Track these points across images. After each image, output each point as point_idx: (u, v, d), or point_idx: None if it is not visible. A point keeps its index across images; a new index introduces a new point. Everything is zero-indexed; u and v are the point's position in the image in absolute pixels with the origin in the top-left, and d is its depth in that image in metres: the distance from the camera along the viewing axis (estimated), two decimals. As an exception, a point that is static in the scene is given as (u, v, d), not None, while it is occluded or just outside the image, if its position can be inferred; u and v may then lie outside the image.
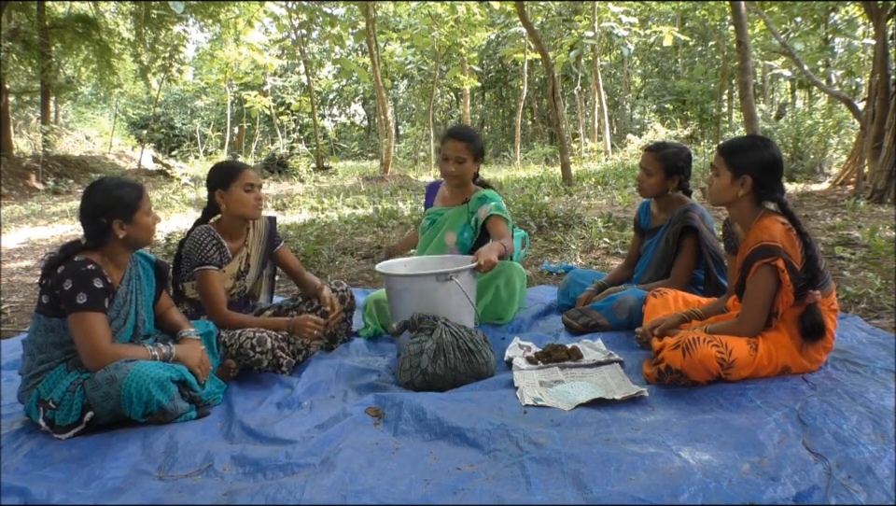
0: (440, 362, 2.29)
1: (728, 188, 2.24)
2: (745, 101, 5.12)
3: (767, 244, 2.10)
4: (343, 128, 33.49)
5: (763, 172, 2.19)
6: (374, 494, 1.57)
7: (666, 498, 1.48)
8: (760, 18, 12.00)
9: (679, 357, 2.06)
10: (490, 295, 2.99)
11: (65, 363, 2.10)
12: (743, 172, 2.20)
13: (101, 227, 2.11)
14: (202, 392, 2.20)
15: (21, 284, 4.91)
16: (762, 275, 2.11)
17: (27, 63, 16.31)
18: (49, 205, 11.75)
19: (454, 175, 3.05)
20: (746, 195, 2.22)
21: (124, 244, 2.16)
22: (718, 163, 2.27)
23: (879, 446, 1.66)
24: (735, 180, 2.21)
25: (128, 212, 2.12)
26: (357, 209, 8.81)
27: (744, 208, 2.26)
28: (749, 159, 2.20)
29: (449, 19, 17.18)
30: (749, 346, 2.11)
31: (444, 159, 3.07)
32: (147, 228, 2.18)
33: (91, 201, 2.13)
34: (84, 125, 25.64)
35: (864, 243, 4.56)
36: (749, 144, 2.26)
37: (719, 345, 2.07)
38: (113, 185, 2.16)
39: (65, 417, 2.01)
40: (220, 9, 16.84)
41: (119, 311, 2.17)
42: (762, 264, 2.10)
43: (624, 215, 6.61)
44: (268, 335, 2.48)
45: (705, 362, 2.05)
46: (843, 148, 10.60)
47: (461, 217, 3.10)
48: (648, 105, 26.54)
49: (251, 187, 2.62)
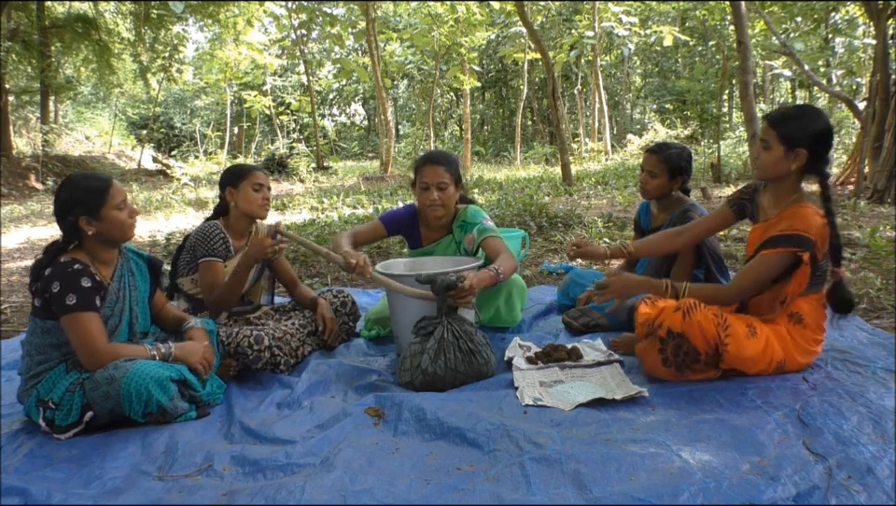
0: (440, 362, 2.29)
1: (781, 161, 2.10)
2: (745, 101, 5.11)
3: (803, 235, 2.04)
4: (342, 128, 33.49)
5: (817, 144, 2.07)
6: (374, 494, 1.56)
7: (666, 498, 1.48)
8: (760, 18, 12.00)
9: (679, 319, 2.05)
10: (491, 312, 2.93)
11: (64, 363, 2.09)
12: (797, 144, 2.07)
13: (69, 224, 2.06)
14: (202, 392, 2.19)
15: (20, 284, 4.91)
16: (781, 260, 2.07)
17: (27, 62, 16.31)
18: (49, 205, 11.71)
19: (438, 205, 2.75)
20: (798, 169, 2.10)
21: (98, 240, 2.10)
22: (768, 136, 2.12)
23: (879, 446, 1.66)
24: (789, 153, 2.09)
25: (93, 208, 2.05)
26: (357, 209, 8.81)
27: (788, 184, 2.15)
28: (804, 130, 2.07)
29: (449, 19, 17.17)
30: (747, 328, 2.10)
31: (424, 189, 2.75)
32: (117, 223, 2.09)
33: (59, 198, 2.07)
34: (84, 125, 25.59)
35: (865, 243, 4.55)
36: (801, 113, 2.13)
37: (718, 315, 2.06)
38: (79, 180, 2.10)
39: (65, 417, 2.01)
40: (220, 9, 16.83)
41: (112, 308, 2.15)
42: (788, 250, 2.05)
43: (624, 215, 6.61)
44: (265, 334, 2.49)
45: (703, 325, 2.03)
46: (843, 148, 10.61)
47: (449, 249, 2.91)
48: (648, 104, 26.55)
49: (259, 187, 2.72)
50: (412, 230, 2.97)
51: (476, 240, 2.79)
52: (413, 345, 2.37)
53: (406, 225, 2.97)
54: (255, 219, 2.80)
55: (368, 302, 3.72)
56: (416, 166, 2.88)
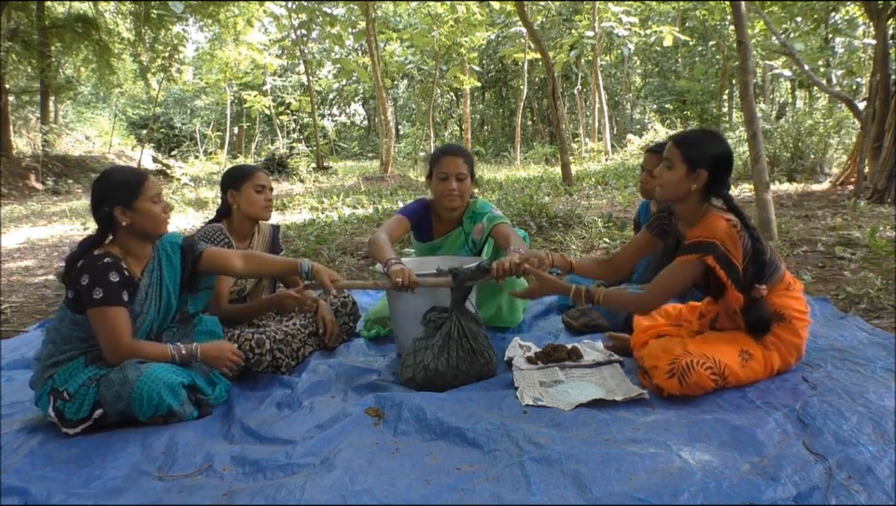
0: (443, 359, 2.29)
1: (682, 181, 2.14)
2: (745, 101, 5.11)
3: (706, 240, 2.06)
4: (343, 128, 33.50)
5: (718, 166, 2.12)
6: (374, 494, 1.56)
7: (666, 498, 1.48)
8: (760, 18, 12.00)
9: (676, 384, 2.03)
10: (492, 312, 2.94)
11: (85, 356, 2.09)
12: (699, 165, 2.11)
13: (104, 215, 2.11)
14: (210, 397, 2.21)
15: (20, 284, 4.91)
16: (692, 267, 2.09)
17: (27, 62, 16.33)
18: (49, 205, 11.75)
19: (456, 195, 2.80)
20: (698, 190, 2.14)
21: (132, 233, 2.14)
22: (672, 155, 2.16)
23: (879, 446, 1.66)
24: (690, 174, 2.13)
25: (129, 198, 2.10)
26: (357, 209, 8.81)
27: (692, 204, 2.19)
28: (706, 152, 2.12)
29: (449, 19, 17.17)
30: (739, 358, 2.09)
31: (443, 178, 2.80)
32: (151, 215, 2.13)
33: (95, 189, 2.14)
34: (84, 125, 25.60)
35: (865, 243, 4.55)
36: (704, 137, 2.20)
37: (712, 366, 2.04)
38: (115, 172, 2.18)
39: (76, 411, 2.01)
40: (220, 9, 16.84)
41: (142, 305, 2.15)
42: (693, 258, 2.07)
43: (624, 215, 6.61)
44: (266, 337, 2.50)
45: (701, 384, 2.03)
46: (843, 148, 10.60)
47: (458, 240, 2.95)
48: (648, 104, 26.55)
49: (262, 188, 2.73)
50: (424, 222, 3.00)
51: (486, 228, 2.83)
52: (418, 341, 2.37)
53: (419, 217, 2.99)
54: (258, 221, 2.81)
55: (368, 302, 3.72)
56: (434, 157, 2.91)
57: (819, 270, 3.98)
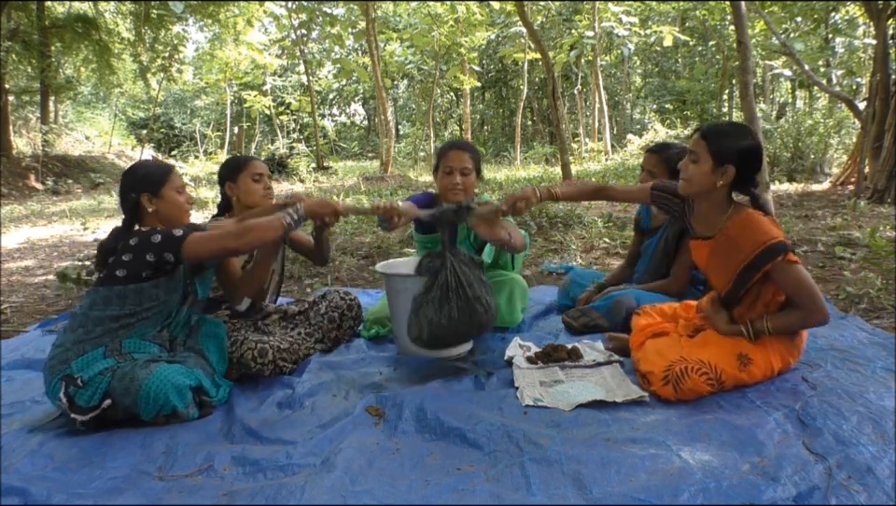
0: (444, 312, 2.27)
1: (707, 176, 2.04)
2: (745, 101, 5.11)
3: (774, 243, 1.97)
4: (343, 128, 33.51)
5: (745, 162, 2.02)
6: (374, 494, 1.57)
7: (666, 498, 1.48)
8: (760, 18, 12.00)
9: (671, 390, 2.02)
10: None
11: (105, 347, 2.09)
12: (726, 160, 2.02)
13: (132, 202, 2.18)
14: (215, 399, 2.21)
15: (20, 284, 4.91)
16: (793, 271, 1.96)
17: (27, 62, 16.32)
18: (49, 205, 11.75)
19: (460, 189, 2.81)
20: (724, 186, 2.05)
21: (157, 221, 2.20)
22: (698, 148, 2.06)
23: (879, 446, 1.66)
24: (717, 169, 2.03)
25: (155, 186, 2.20)
26: (357, 209, 8.79)
27: (716, 201, 2.10)
28: (735, 146, 2.02)
29: (449, 19, 17.17)
30: (737, 362, 2.07)
31: (448, 172, 2.83)
32: (176, 204, 2.24)
33: (124, 179, 2.24)
34: (84, 125, 25.58)
35: (865, 243, 4.56)
36: (732, 130, 2.08)
37: (708, 372, 2.02)
38: (142, 164, 2.31)
39: (88, 399, 2.01)
40: (220, 9, 16.85)
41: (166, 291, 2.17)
42: (783, 263, 1.96)
43: (625, 215, 6.61)
44: (269, 346, 2.47)
45: (696, 390, 2.02)
46: (843, 148, 10.60)
47: (460, 235, 2.94)
48: (648, 104, 26.56)
49: (259, 176, 2.69)
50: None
51: None
52: (419, 297, 2.32)
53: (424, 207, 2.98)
54: None
55: (368, 302, 3.72)
56: (440, 151, 2.94)
57: (819, 270, 3.98)
